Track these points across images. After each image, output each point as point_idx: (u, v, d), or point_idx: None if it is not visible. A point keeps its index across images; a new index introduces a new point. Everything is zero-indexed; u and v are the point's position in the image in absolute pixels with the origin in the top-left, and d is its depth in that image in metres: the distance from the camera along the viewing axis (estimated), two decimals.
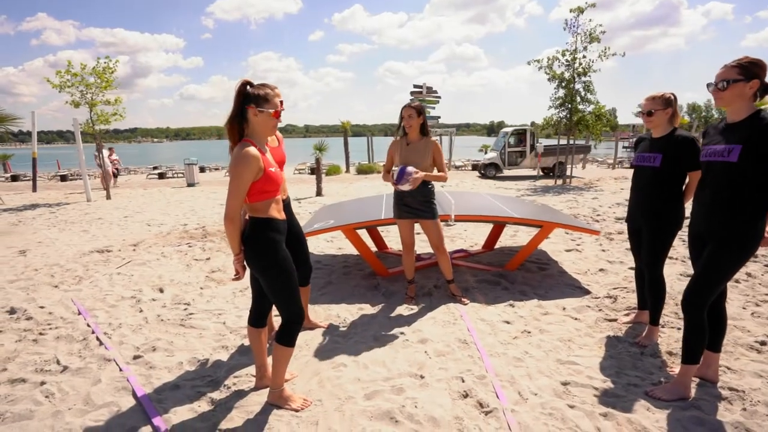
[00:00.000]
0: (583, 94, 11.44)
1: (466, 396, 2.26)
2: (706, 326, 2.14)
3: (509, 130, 15.39)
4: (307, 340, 2.93)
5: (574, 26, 11.22)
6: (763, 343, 2.74)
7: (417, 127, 3.30)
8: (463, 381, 2.38)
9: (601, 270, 4.26)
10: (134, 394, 2.34)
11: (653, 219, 2.64)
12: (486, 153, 24.97)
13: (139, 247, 5.64)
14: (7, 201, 10.93)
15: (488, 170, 15.19)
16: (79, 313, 3.51)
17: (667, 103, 2.57)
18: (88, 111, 10.76)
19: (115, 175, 14.35)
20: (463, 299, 3.52)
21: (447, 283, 3.62)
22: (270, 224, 2.00)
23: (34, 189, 13.15)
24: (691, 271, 4.07)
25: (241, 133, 2.00)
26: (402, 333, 3.02)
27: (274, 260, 1.98)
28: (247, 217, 2.07)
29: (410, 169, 3.16)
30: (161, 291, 4.00)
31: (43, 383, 2.48)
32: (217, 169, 22.94)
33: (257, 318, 2.31)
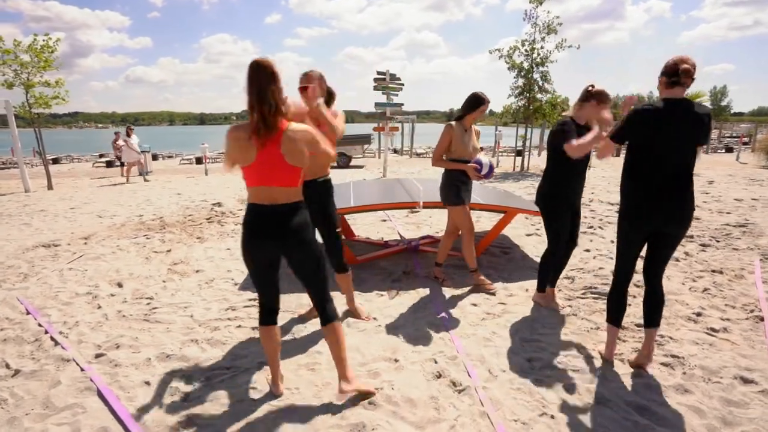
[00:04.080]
0: (540, 83, 11.83)
1: (439, 376, 2.35)
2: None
3: None
4: (281, 329, 2.92)
5: (533, 17, 11.52)
6: (698, 314, 3.03)
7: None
8: (436, 362, 2.47)
9: None
10: (100, 394, 2.25)
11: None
12: None
13: (91, 240, 5.33)
14: None
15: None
16: (28, 313, 3.29)
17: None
18: (23, 93, 9.89)
19: (122, 162, 12.51)
20: (489, 287, 3.49)
21: (471, 272, 3.54)
22: None
23: None
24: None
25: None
26: (374, 319, 3.07)
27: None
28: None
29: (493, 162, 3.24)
30: (120, 286, 3.82)
31: None
32: (171, 156, 21.84)
33: (268, 314, 2.16)
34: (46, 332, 2.96)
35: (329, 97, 2.77)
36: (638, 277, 3.71)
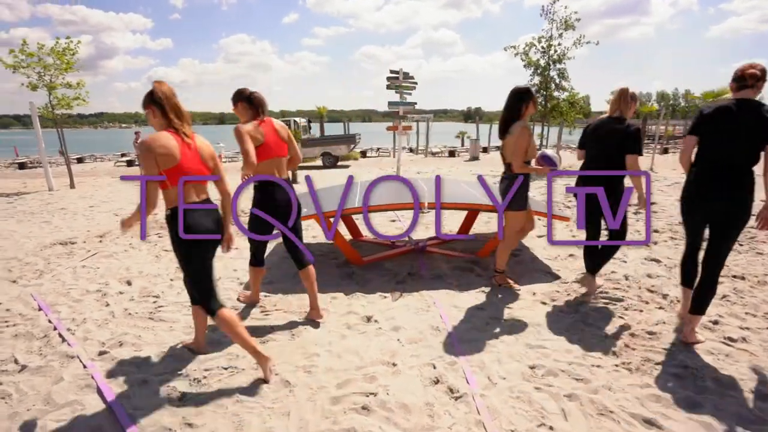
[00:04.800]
0: (557, 81, 11.60)
1: (437, 382, 2.30)
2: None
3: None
4: (281, 330, 2.92)
5: (550, 13, 11.30)
6: (715, 323, 2.89)
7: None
8: (435, 367, 2.43)
9: (570, 255, 4.38)
10: (99, 392, 2.28)
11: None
12: (463, 139, 25.17)
13: (106, 239, 5.45)
14: None
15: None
16: (40, 309, 3.37)
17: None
18: (47, 94, 10.21)
19: None
20: (513, 285, 3.51)
21: (497, 273, 3.58)
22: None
23: None
24: (654, 256, 4.22)
25: None
26: (375, 321, 3.04)
27: None
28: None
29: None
30: (129, 284, 3.89)
31: None
32: None
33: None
34: (55, 329, 3.03)
35: (260, 107, 2.83)
36: (652, 282, 3.58)
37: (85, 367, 2.52)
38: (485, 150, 21.02)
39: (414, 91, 11.18)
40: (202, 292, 2.28)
